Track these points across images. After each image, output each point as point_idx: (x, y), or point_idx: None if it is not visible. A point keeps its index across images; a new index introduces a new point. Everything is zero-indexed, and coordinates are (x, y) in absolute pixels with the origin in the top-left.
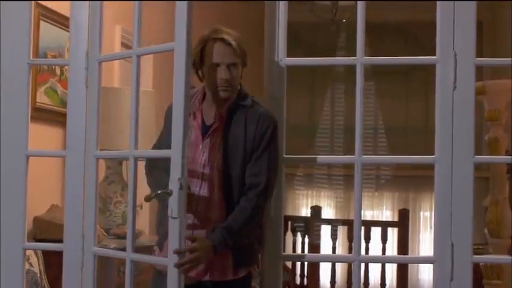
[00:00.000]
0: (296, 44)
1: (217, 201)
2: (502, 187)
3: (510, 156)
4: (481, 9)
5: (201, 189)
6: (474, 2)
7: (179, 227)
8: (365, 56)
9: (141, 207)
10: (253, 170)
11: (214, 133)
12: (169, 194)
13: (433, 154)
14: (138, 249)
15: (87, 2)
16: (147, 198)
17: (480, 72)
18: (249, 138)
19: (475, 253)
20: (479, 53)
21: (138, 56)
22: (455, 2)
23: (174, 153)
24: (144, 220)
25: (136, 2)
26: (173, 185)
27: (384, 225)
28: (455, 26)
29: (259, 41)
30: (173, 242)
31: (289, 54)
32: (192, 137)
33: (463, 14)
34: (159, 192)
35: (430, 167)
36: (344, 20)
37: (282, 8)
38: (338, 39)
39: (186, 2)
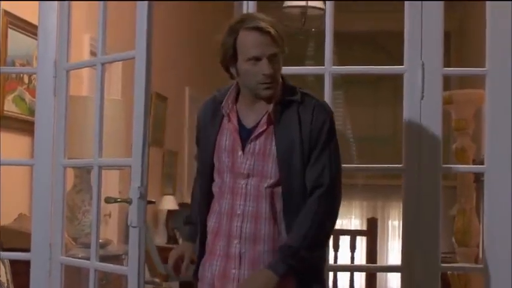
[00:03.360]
0: None
1: (269, 217)
2: (469, 196)
3: (477, 165)
4: (449, 20)
5: (246, 205)
6: (442, 13)
7: (139, 237)
8: (334, 65)
9: (110, 216)
10: (314, 171)
11: (260, 137)
12: (129, 202)
13: (401, 163)
14: (105, 259)
15: (56, 8)
16: (107, 200)
17: (448, 82)
18: (305, 138)
19: (443, 262)
20: (447, 63)
21: (103, 64)
22: (423, 12)
23: (134, 162)
24: (113, 229)
25: (101, 11)
26: (133, 193)
27: (353, 234)
28: (423, 36)
29: None
30: (133, 252)
31: None
32: (227, 143)
33: (430, 24)
34: (119, 199)
35: (399, 175)
36: (313, 29)
37: None
38: (307, 48)
39: (146, 10)
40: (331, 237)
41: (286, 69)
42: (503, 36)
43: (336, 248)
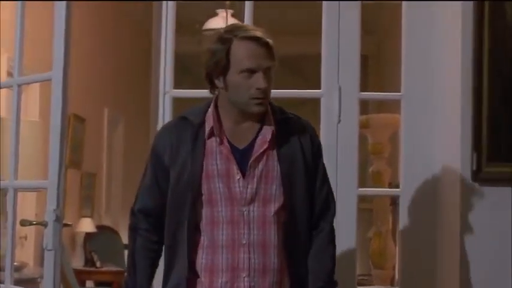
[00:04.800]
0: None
1: (277, 245)
2: (385, 219)
3: (393, 189)
4: (366, 44)
5: (251, 233)
6: (358, 37)
7: (54, 260)
8: None
9: (26, 238)
10: (322, 195)
11: (261, 159)
12: (44, 225)
13: None
14: (21, 282)
15: None
16: (23, 223)
17: (366, 105)
18: (308, 161)
19: (359, 284)
20: (364, 87)
21: (19, 86)
22: (340, 35)
23: (50, 184)
24: (29, 251)
25: (18, 31)
26: (48, 216)
27: None
28: (339, 60)
29: (147, 71)
30: (48, 275)
31: (177, 86)
32: (219, 168)
33: (347, 48)
34: (34, 222)
35: None
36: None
37: (170, 38)
38: None
39: (63, 31)
40: None
41: (204, 92)
42: (418, 61)
43: None
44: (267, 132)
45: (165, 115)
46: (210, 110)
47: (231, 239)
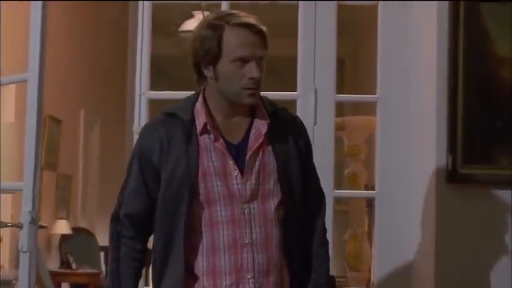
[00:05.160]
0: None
1: (278, 243)
2: (360, 221)
3: (368, 191)
4: (343, 46)
5: (253, 232)
6: (335, 39)
7: (29, 261)
8: None
9: (1, 240)
10: (315, 189)
11: (258, 153)
12: (19, 227)
13: None
14: None
15: None
16: None
17: (342, 108)
18: (302, 153)
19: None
20: (341, 89)
21: None
22: (316, 38)
23: (25, 186)
24: (5, 254)
25: None
26: (24, 218)
27: None
28: (316, 62)
29: (123, 73)
30: (23, 277)
31: (153, 87)
32: (215, 165)
33: (323, 50)
34: (9, 223)
35: None
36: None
37: (146, 40)
38: None
39: (39, 32)
40: None
41: (180, 94)
42: (393, 63)
43: None
44: (261, 125)
45: (141, 117)
46: (198, 104)
47: (232, 239)
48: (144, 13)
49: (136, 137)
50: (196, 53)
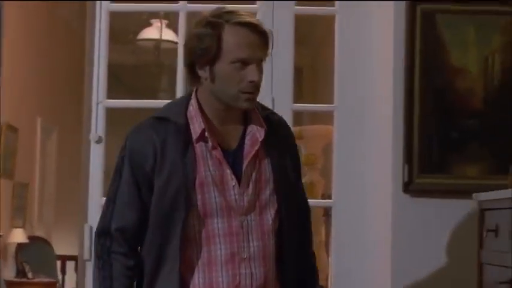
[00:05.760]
0: (119, 86)
1: (274, 256)
2: (317, 230)
3: (326, 200)
4: (301, 56)
5: (251, 245)
6: (292, 49)
7: None
8: None
9: None
10: (304, 202)
11: (254, 162)
12: None
13: None
14: None
15: None
16: None
17: (300, 117)
18: (293, 159)
19: None
20: (299, 99)
21: None
22: (274, 47)
23: None
24: None
25: None
26: None
27: None
28: (273, 71)
29: (80, 80)
30: None
31: (111, 96)
32: (213, 174)
33: (281, 59)
34: None
35: None
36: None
37: (103, 48)
38: (160, 81)
39: None
40: None
41: (139, 103)
42: (350, 73)
43: None
44: (257, 131)
45: (98, 125)
46: (191, 108)
47: (230, 253)
48: (101, 21)
49: (94, 145)
50: (192, 51)
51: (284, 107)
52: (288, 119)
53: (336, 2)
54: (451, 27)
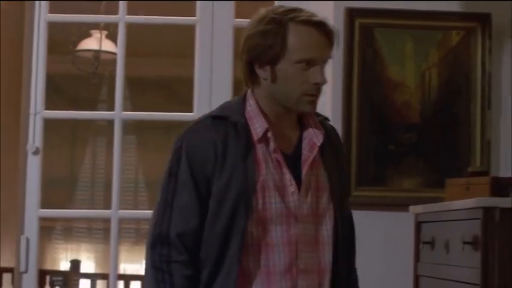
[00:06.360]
0: (58, 96)
1: (330, 270)
2: None
3: None
4: (240, 69)
5: (308, 256)
6: (231, 60)
7: None
8: (127, 110)
9: None
10: (350, 211)
11: (312, 167)
12: None
13: None
14: None
15: None
16: None
17: None
18: (344, 169)
19: None
20: None
21: None
22: (213, 58)
23: None
24: None
25: None
26: None
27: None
28: (212, 83)
29: (18, 90)
30: None
31: (49, 106)
32: (273, 177)
33: (220, 71)
34: None
35: None
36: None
37: (41, 58)
38: (100, 92)
39: None
40: (122, 282)
41: (76, 114)
42: None
43: None
44: (314, 135)
45: (35, 136)
46: (250, 108)
47: (288, 263)
48: (39, 31)
49: (31, 156)
50: (253, 49)
51: None
52: None
53: None
54: (389, 41)
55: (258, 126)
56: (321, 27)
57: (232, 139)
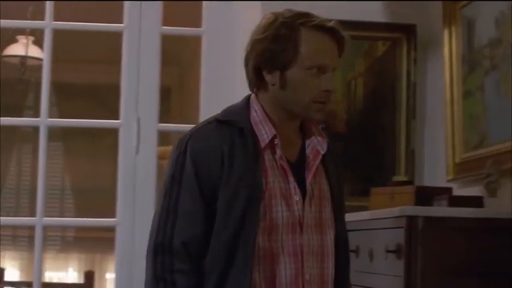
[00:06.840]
0: None
1: (332, 278)
2: None
3: None
4: (170, 76)
5: (313, 267)
6: (158, 68)
7: None
8: (54, 116)
9: None
10: (345, 225)
11: (315, 176)
12: None
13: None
14: None
15: None
16: None
17: (167, 137)
18: (341, 178)
19: None
20: (166, 118)
21: None
22: (140, 66)
23: None
24: None
25: None
26: None
27: (68, 287)
28: (139, 90)
29: None
30: None
31: None
32: (279, 185)
33: (147, 79)
34: None
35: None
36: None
37: None
38: (26, 99)
39: None
40: None
41: (2, 120)
42: (216, 93)
43: None
44: (318, 143)
45: None
46: (255, 113)
47: (294, 274)
48: None
49: None
50: (262, 54)
51: (149, 126)
52: (153, 139)
53: (203, 23)
54: None
55: (265, 132)
56: (333, 33)
57: (238, 144)
